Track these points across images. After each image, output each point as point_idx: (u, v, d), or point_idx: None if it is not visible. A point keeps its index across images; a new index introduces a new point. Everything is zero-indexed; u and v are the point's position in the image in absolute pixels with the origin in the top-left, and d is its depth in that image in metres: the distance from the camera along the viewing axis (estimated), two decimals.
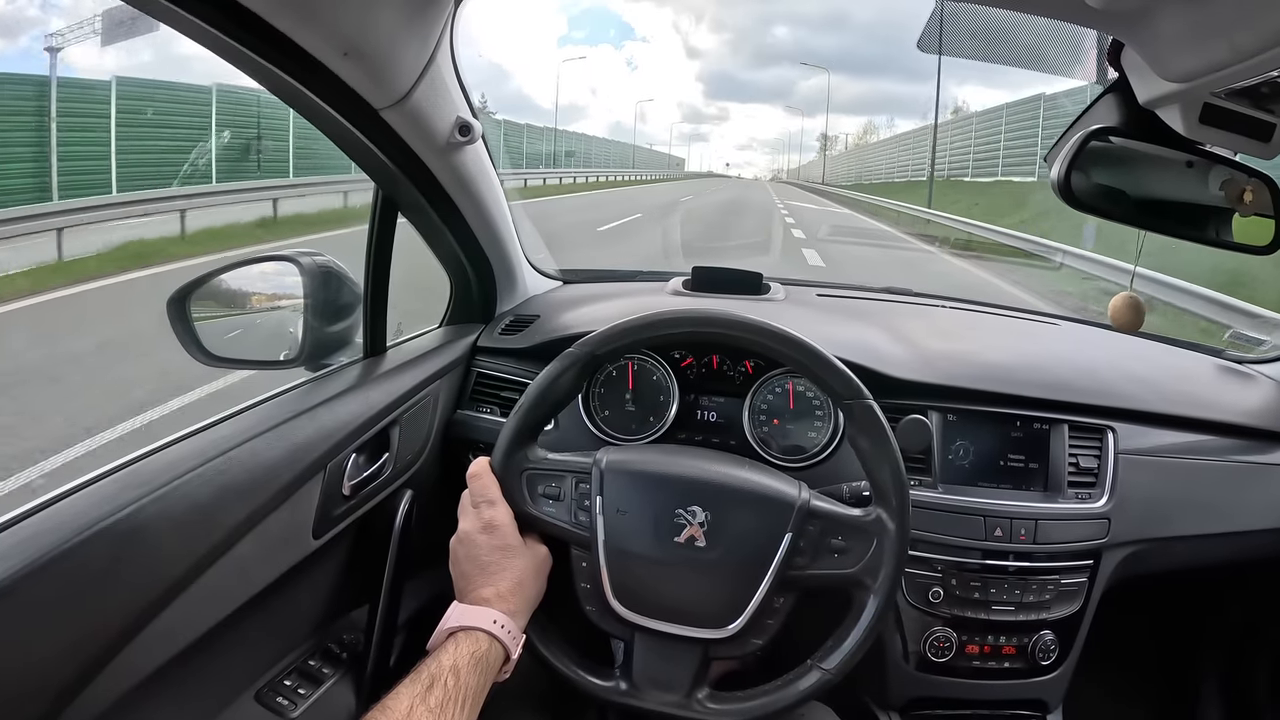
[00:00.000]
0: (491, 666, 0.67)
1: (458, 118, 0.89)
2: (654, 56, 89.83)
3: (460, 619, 0.69)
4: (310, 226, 7.16)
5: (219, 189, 7.69)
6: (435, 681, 0.62)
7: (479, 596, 0.71)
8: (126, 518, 0.63)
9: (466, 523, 0.76)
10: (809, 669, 0.75)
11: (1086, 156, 0.79)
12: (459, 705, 0.61)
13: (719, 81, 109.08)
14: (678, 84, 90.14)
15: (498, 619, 0.69)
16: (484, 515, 0.75)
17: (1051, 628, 0.96)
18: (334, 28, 0.68)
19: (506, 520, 0.75)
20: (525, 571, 0.74)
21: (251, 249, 2.41)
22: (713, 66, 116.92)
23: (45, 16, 7.92)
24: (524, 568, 0.74)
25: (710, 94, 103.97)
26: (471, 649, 0.66)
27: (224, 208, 7.03)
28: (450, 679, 0.62)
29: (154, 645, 0.65)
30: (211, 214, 6.71)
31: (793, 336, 0.78)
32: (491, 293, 1.20)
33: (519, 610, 0.72)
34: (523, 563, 0.74)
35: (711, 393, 1.05)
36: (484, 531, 0.74)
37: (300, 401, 0.85)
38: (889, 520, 0.75)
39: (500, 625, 0.69)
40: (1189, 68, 0.66)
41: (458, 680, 0.63)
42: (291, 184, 8.04)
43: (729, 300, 1.22)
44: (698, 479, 0.77)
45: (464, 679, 0.63)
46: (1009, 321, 1.31)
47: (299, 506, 0.80)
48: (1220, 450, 1.05)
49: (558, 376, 0.79)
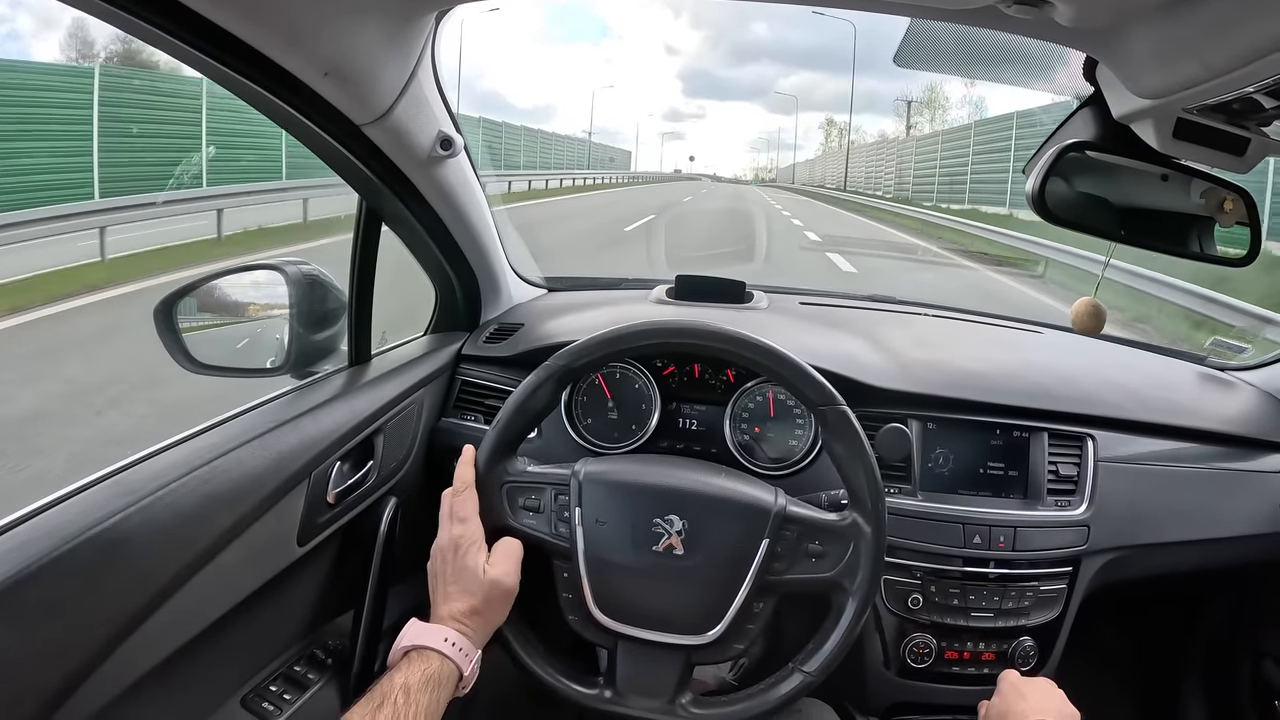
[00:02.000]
0: (445, 684, 0.69)
1: (439, 131, 0.90)
2: (631, 54, 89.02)
3: (415, 638, 0.71)
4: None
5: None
6: (385, 699, 0.64)
7: (438, 614, 0.73)
8: (113, 526, 0.63)
9: (441, 535, 0.77)
10: (790, 672, 0.76)
11: (1062, 170, 0.79)
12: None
13: (698, 79, 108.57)
14: (656, 81, 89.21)
15: (449, 637, 0.70)
16: (453, 532, 0.76)
17: (1031, 633, 0.97)
18: (315, 49, 0.69)
19: (472, 539, 0.76)
20: (478, 595, 0.74)
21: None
22: (691, 64, 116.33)
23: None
24: (477, 591, 0.74)
25: (689, 92, 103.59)
26: (423, 668, 0.68)
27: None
28: (400, 697, 0.64)
29: (140, 652, 0.65)
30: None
31: (765, 345, 0.79)
32: (476, 301, 1.20)
33: (475, 629, 0.73)
34: (483, 590, 0.74)
35: (693, 401, 1.06)
36: (450, 548, 0.76)
37: (284, 410, 0.86)
38: (865, 524, 0.76)
39: (452, 644, 0.70)
40: (1161, 84, 0.66)
41: (408, 698, 0.65)
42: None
43: (712, 309, 1.23)
44: (674, 488, 0.78)
45: (414, 697, 0.65)
46: (991, 330, 1.31)
47: (283, 515, 0.81)
48: (1200, 457, 1.06)
49: (535, 389, 0.80)
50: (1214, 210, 0.84)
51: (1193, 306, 3.95)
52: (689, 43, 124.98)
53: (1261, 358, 1.23)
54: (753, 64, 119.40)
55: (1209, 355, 1.28)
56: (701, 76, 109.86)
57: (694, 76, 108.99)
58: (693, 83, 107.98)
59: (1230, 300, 3.60)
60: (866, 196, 19.28)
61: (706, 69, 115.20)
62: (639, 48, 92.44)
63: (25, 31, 12.20)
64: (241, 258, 0.96)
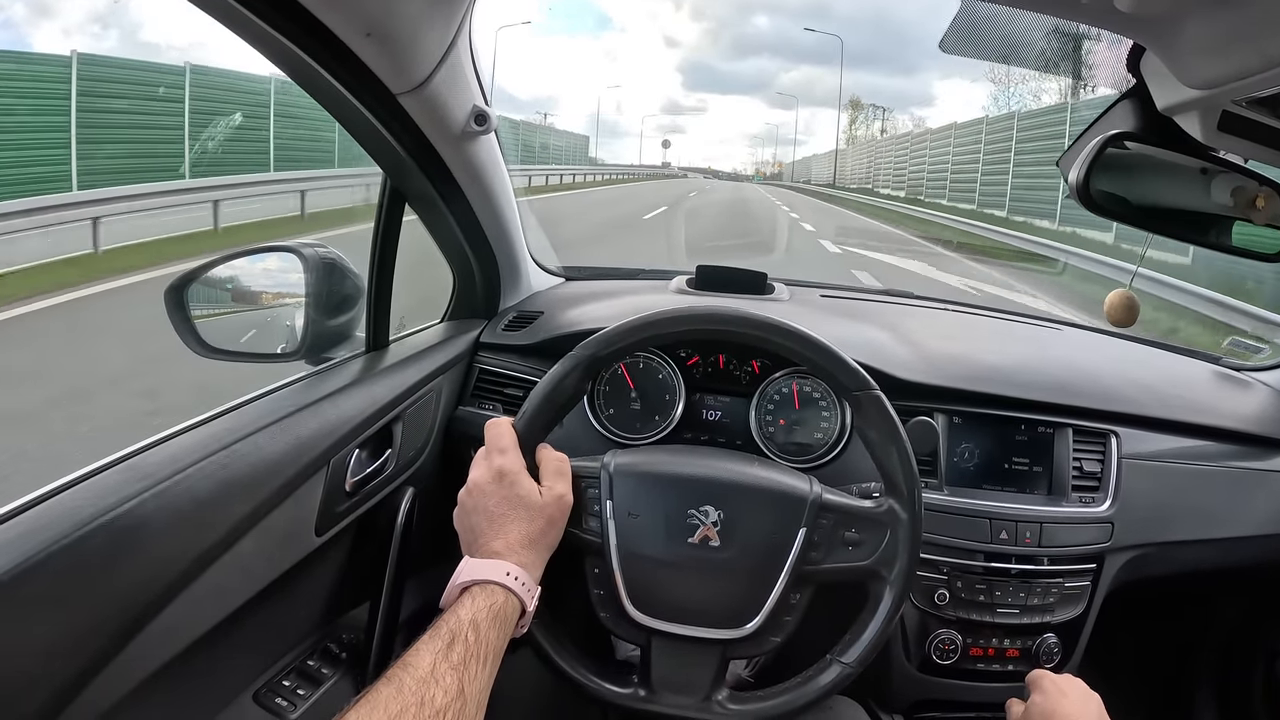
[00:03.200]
0: (509, 621, 0.65)
1: (474, 106, 0.88)
2: (632, 46, 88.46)
3: (473, 573, 0.66)
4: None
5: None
6: (456, 637, 0.59)
7: (489, 549, 0.68)
8: (127, 512, 0.61)
9: (476, 472, 0.73)
10: (829, 664, 0.74)
11: (1103, 162, 0.79)
12: (481, 662, 0.59)
13: (699, 72, 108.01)
14: (656, 75, 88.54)
15: (510, 571, 0.66)
16: (495, 463, 0.72)
17: (1055, 630, 0.96)
18: (359, 6, 0.66)
19: (518, 468, 0.72)
20: (537, 520, 0.70)
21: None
22: (692, 57, 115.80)
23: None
24: (536, 516, 0.71)
25: (690, 85, 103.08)
26: (489, 603, 0.63)
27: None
28: (471, 634, 0.60)
29: (154, 645, 0.62)
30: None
31: (797, 331, 0.78)
32: (495, 288, 1.18)
33: (532, 562, 0.69)
34: (534, 511, 0.71)
35: (717, 392, 1.04)
36: (494, 481, 0.71)
37: (303, 395, 0.83)
38: (901, 510, 0.75)
39: (514, 578, 0.66)
40: (1213, 74, 0.66)
41: (478, 636, 0.60)
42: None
43: (733, 300, 1.22)
44: (708, 478, 0.76)
45: (484, 634, 0.61)
46: (1011, 325, 1.31)
47: (302, 503, 0.78)
48: (1220, 456, 1.06)
49: (562, 379, 0.77)
50: (1245, 208, 0.84)
51: (1206, 311, 3.98)
52: (689, 34, 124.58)
53: (1278, 358, 1.24)
54: (754, 57, 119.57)
55: (1225, 355, 1.29)
56: (702, 69, 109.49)
57: (694, 69, 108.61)
58: (693, 76, 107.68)
59: (1244, 305, 3.63)
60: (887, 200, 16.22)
61: (707, 62, 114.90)
62: (639, 40, 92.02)
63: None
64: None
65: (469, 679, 0.57)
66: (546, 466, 0.75)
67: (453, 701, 0.55)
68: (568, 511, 0.74)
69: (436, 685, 0.55)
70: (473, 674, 0.58)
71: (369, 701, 0.53)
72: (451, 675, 0.57)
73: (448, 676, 0.56)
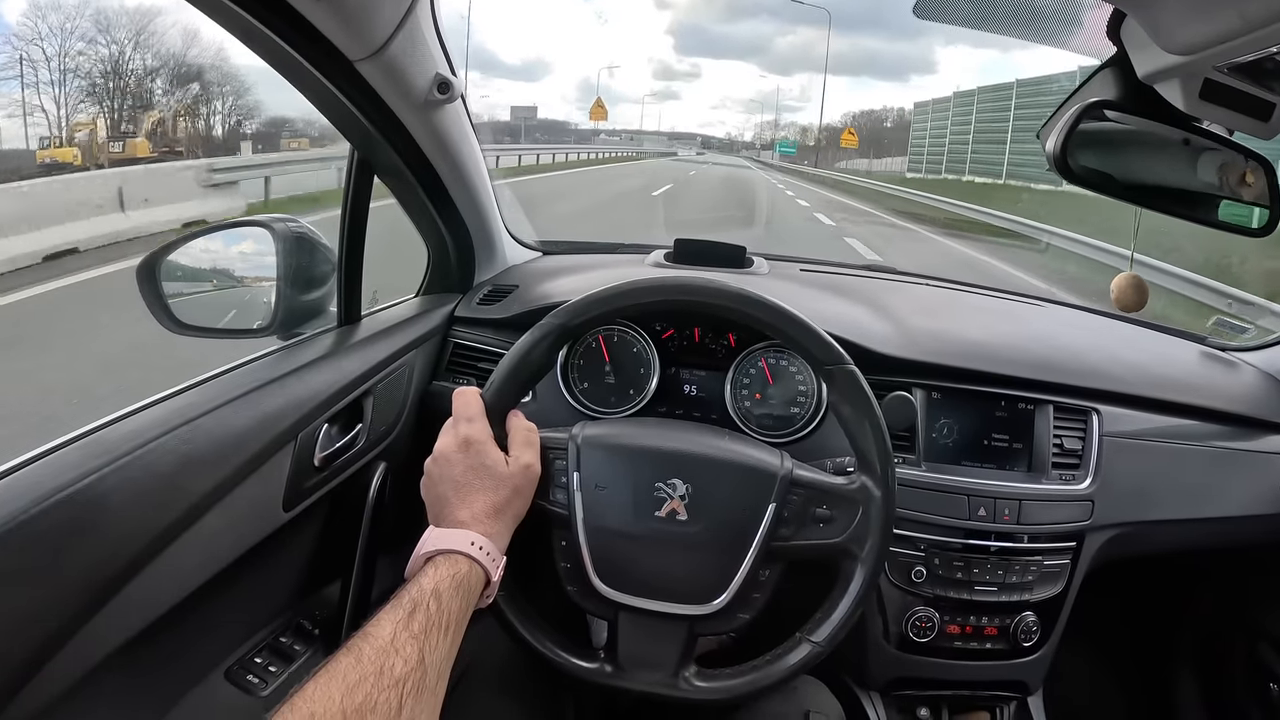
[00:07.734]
0: (473, 590, 0.64)
1: (436, 74, 0.85)
2: (622, 7, 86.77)
3: (437, 543, 0.66)
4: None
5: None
6: (417, 607, 0.59)
7: (455, 519, 0.68)
8: (86, 487, 0.60)
9: (443, 441, 0.72)
10: (798, 642, 0.74)
11: (1083, 131, 0.77)
12: (442, 630, 0.59)
13: (691, 35, 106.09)
14: (647, 38, 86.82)
15: (475, 540, 0.66)
16: (461, 432, 0.71)
17: (1034, 609, 0.96)
18: None
19: (484, 437, 0.71)
20: (503, 490, 0.70)
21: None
22: (684, 18, 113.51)
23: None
24: (502, 486, 0.70)
25: (682, 49, 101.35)
26: (452, 572, 0.63)
27: None
28: (432, 603, 0.60)
29: (117, 620, 0.62)
30: None
31: (772, 303, 0.76)
32: (470, 262, 1.17)
33: (497, 532, 0.69)
34: (500, 481, 0.70)
35: (693, 366, 1.03)
36: (460, 449, 0.70)
37: (270, 369, 0.82)
38: (874, 487, 0.73)
39: (479, 547, 0.66)
40: (1194, 38, 0.64)
41: (439, 605, 0.60)
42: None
43: (711, 273, 1.20)
44: (677, 451, 0.75)
45: (445, 603, 0.60)
46: (994, 301, 1.30)
47: (269, 478, 0.77)
48: (1203, 435, 1.05)
49: (531, 348, 0.76)
50: (1235, 184, 0.82)
51: (1192, 294, 3.96)
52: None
53: (1263, 339, 1.23)
54: (749, 19, 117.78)
55: (1210, 335, 1.27)
56: (695, 32, 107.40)
57: (687, 32, 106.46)
58: (685, 39, 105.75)
59: (1227, 288, 3.61)
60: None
61: (700, 24, 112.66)
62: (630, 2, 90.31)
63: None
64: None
65: (430, 648, 0.57)
66: (515, 436, 0.74)
67: (412, 671, 0.55)
68: (535, 481, 0.73)
69: (396, 655, 0.55)
70: (434, 643, 0.57)
71: (328, 672, 0.52)
72: (412, 644, 0.56)
73: (408, 646, 0.56)
